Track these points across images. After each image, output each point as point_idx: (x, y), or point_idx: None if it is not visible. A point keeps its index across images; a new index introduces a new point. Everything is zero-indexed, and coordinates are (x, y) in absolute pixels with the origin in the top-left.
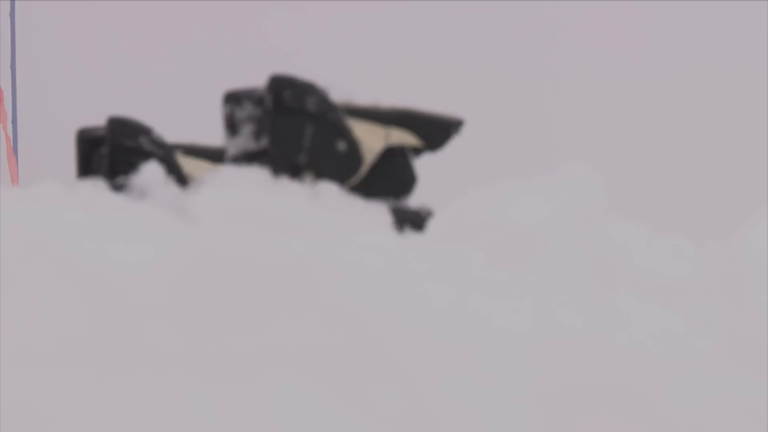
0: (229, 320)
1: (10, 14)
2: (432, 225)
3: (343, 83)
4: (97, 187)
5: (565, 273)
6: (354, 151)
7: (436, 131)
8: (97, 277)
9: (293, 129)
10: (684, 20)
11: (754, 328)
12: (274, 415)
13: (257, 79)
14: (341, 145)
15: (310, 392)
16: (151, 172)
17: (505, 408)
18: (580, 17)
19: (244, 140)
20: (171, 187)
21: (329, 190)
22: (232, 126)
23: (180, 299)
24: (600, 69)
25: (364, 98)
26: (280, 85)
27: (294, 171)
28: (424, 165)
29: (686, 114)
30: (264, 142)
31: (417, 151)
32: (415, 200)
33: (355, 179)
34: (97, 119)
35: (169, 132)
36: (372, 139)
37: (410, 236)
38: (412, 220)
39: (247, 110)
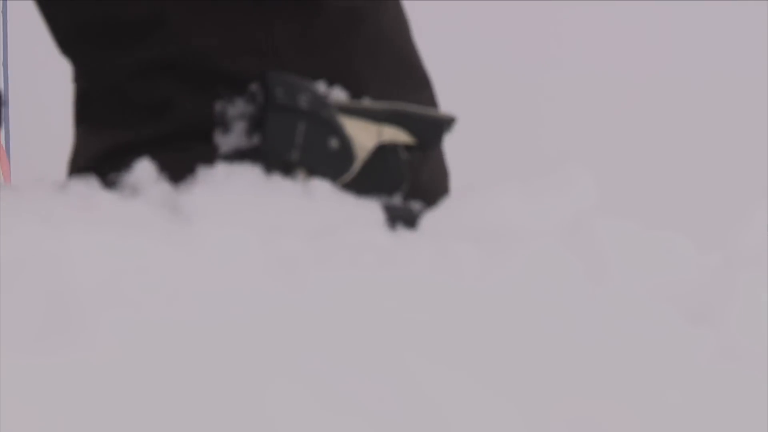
0: (224, 321)
1: (2, 11)
2: (425, 223)
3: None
4: (89, 185)
5: (561, 271)
6: (346, 148)
7: (428, 129)
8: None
9: (285, 126)
10: (676, 19)
11: (752, 326)
12: (272, 417)
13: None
14: (333, 143)
15: (306, 394)
16: (143, 169)
17: (502, 406)
18: (577, 18)
19: (236, 138)
20: (163, 184)
21: (322, 188)
22: (223, 123)
23: (173, 298)
24: (597, 69)
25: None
26: (272, 81)
27: (286, 168)
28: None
29: (682, 111)
30: (256, 139)
31: (409, 149)
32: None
33: (348, 176)
34: None
35: None
36: (364, 137)
37: (403, 234)
38: (405, 218)
39: (239, 107)
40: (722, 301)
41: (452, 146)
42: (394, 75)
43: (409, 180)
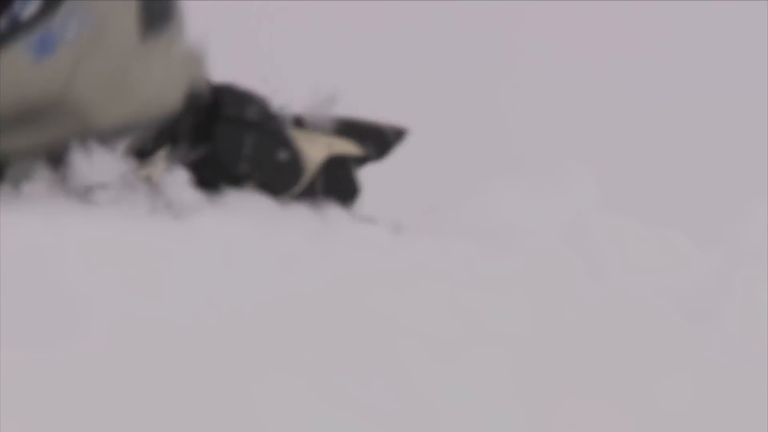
0: (221, 319)
1: None
2: (425, 222)
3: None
4: (84, 184)
5: (560, 270)
6: (295, 160)
7: (378, 141)
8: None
9: (233, 138)
10: (676, 19)
11: (752, 325)
12: (271, 415)
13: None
14: (282, 155)
15: (304, 392)
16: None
17: (501, 405)
18: (578, 16)
19: (185, 149)
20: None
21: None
22: (172, 136)
23: (171, 296)
24: (597, 66)
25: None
26: (220, 94)
27: (234, 180)
28: (419, 163)
29: (682, 110)
30: (204, 150)
31: (360, 161)
32: (405, 201)
33: (298, 189)
34: None
35: None
36: (314, 149)
37: (403, 233)
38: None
39: (187, 120)
40: (722, 299)
41: (453, 145)
42: None
43: (361, 191)
